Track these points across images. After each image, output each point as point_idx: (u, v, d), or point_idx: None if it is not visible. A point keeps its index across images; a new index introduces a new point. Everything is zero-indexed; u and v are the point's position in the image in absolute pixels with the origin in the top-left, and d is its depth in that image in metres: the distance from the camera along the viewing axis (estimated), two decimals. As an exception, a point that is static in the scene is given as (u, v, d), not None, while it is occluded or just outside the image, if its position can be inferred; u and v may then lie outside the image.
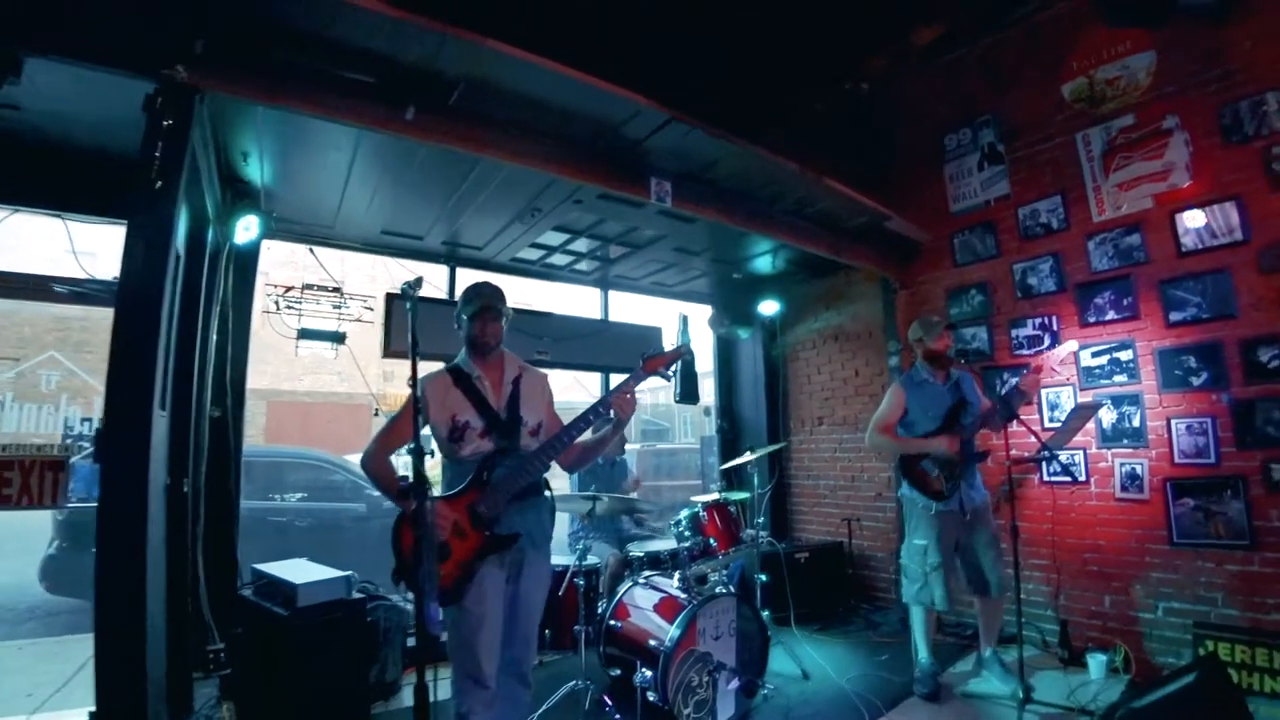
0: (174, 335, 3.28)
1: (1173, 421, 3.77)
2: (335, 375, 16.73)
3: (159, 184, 2.25)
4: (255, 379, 15.16)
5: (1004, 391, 3.47)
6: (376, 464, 2.39)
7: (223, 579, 3.80)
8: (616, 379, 2.66)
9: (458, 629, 2.29)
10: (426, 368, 2.49)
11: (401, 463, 2.44)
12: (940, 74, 5.07)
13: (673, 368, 2.62)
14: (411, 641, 3.85)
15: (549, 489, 2.62)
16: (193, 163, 2.87)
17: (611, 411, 2.46)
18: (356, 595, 3.31)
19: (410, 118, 2.80)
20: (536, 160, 3.18)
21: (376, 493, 2.60)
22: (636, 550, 4.07)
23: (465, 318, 2.48)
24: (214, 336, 3.95)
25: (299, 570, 3.35)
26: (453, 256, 4.90)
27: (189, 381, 3.50)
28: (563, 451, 2.45)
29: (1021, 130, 4.60)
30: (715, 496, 4.10)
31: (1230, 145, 3.70)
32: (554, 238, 4.64)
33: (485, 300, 2.48)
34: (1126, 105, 4.11)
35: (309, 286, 4.39)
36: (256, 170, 3.58)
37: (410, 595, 2.65)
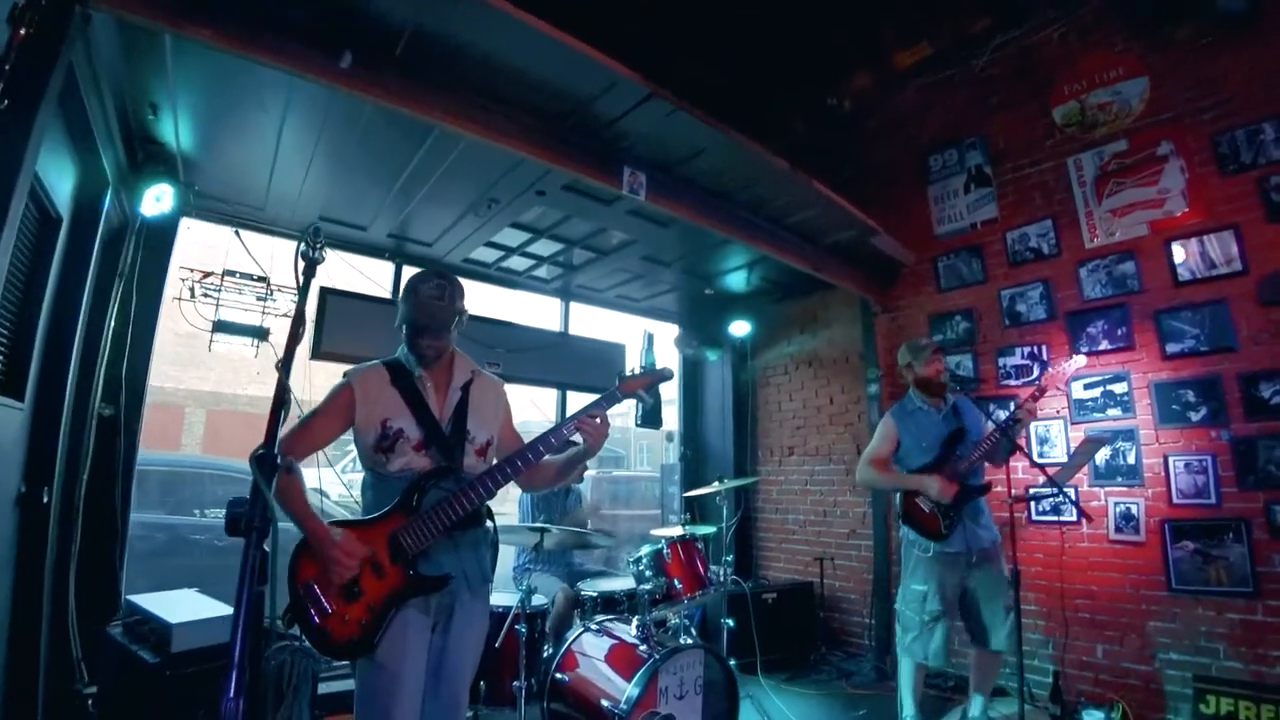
0: (44, 313, 2.74)
1: (1170, 459, 3.53)
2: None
3: (5, 104, 1.76)
4: (197, 383, 14.11)
5: (999, 423, 3.14)
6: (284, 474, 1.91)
7: (102, 608, 3.17)
8: (575, 398, 2.24)
9: (366, 687, 1.84)
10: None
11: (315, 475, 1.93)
12: (925, 94, 4.91)
13: (650, 390, 2.22)
14: (325, 688, 3.27)
15: (492, 519, 2.16)
16: (75, 101, 2.38)
17: (578, 437, 2.06)
18: (250, 637, 2.73)
19: (346, 66, 2.37)
20: (493, 132, 2.76)
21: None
22: (589, 589, 3.58)
23: (406, 330, 2.01)
24: (111, 322, 3.39)
25: (181, 605, 2.78)
26: (399, 252, 4.42)
27: (63, 370, 2.91)
28: (513, 479, 2.02)
29: (1010, 153, 4.42)
30: (680, 531, 3.67)
31: (1227, 174, 3.56)
32: (513, 237, 4.22)
33: (427, 316, 1.97)
34: (1119, 130, 3.97)
35: (230, 273, 3.85)
36: (170, 129, 3.09)
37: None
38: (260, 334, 3.88)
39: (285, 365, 1.31)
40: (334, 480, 4.29)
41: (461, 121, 2.71)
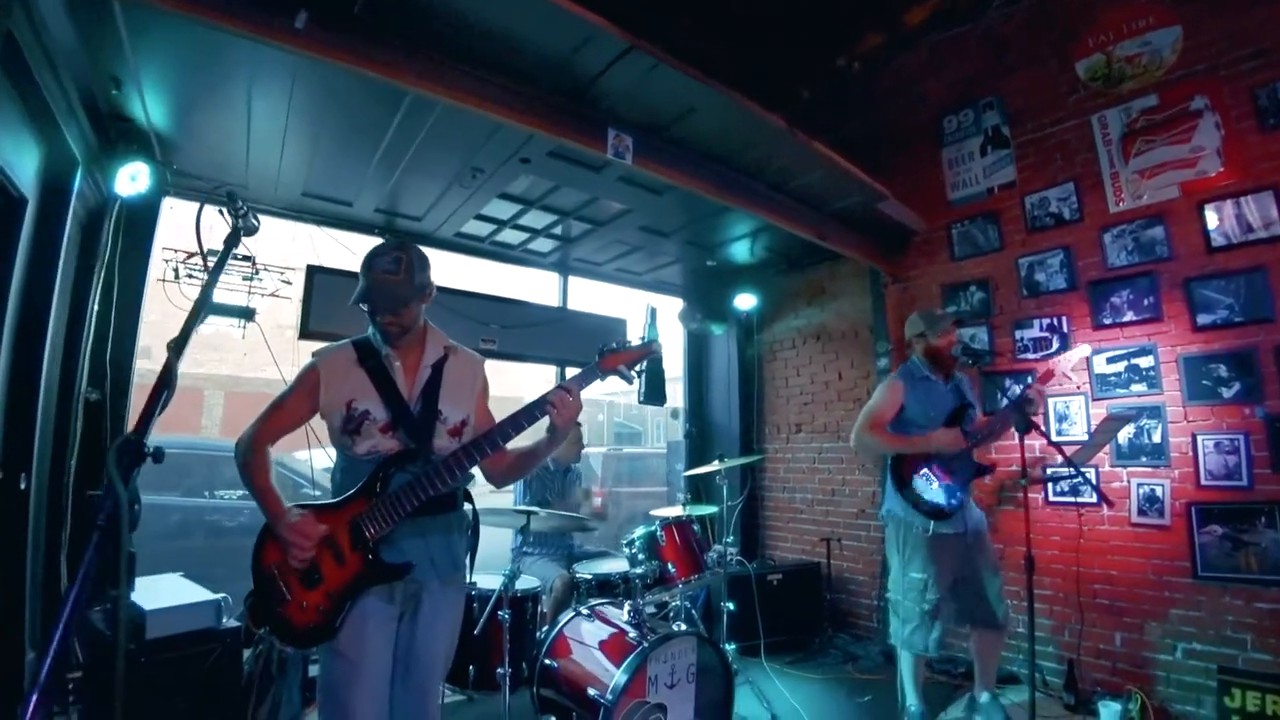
0: (12, 296, 2.66)
1: (1199, 438, 3.31)
2: (298, 367, 15.81)
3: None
4: (216, 367, 14.34)
5: (1015, 399, 2.96)
6: (253, 452, 1.87)
7: (97, 593, 3.14)
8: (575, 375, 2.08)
9: (326, 676, 1.80)
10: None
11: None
12: (938, 52, 4.60)
13: (637, 367, 2.03)
14: (315, 671, 3.24)
15: (469, 502, 2.06)
16: (25, 77, 2.28)
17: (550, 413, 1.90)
18: (230, 624, 2.69)
19: (301, 26, 2.22)
20: (464, 94, 2.60)
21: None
22: (584, 572, 3.48)
23: (364, 308, 1.90)
24: (94, 305, 3.33)
25: (160, 590, 2.75)
26: (389, 228, 4.29)
27: (37, 354, 2.85)
28: (484, 459, 1.89)
29: (1030, 112, 4.13)
30: (677, 513, 3.55)
31: (1268, 130, 3.28)
32: (503, 209, 4.07)
33: (381, 297, 1.85)
34: (1148, 85, 3.67)
35: (214, 253, 3.75)
36: (138, 105, 2.97)
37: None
38: (246, 314, 3.80)
39: (178, 346, 1.22)
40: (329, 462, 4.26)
41: (428, 84, 2.54)
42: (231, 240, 1.41)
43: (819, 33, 4.87)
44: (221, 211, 1.37)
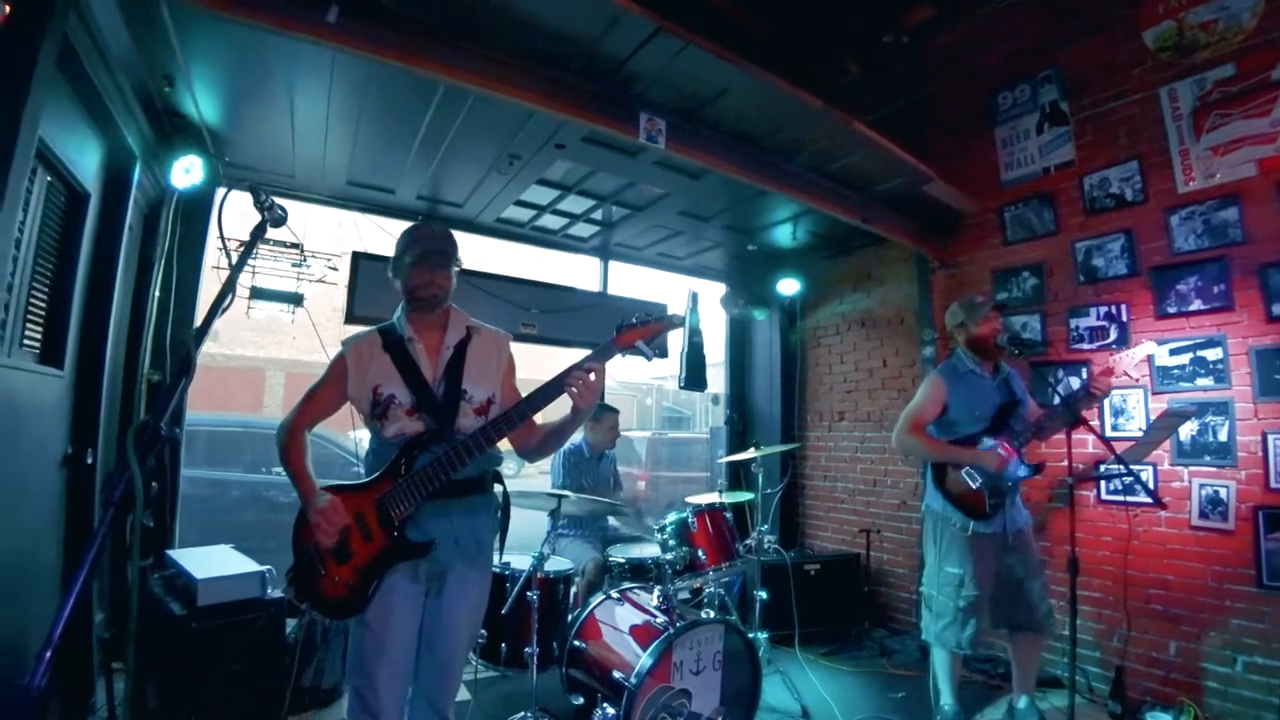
0: (79, 285, 2.84)
1: (1270, 437, 3.08)
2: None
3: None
4: (276, 350, 15.02)
5: (1068, 393, 2.82)
6: (290, 437, 2.00)
7: (157, 560, 3.36)
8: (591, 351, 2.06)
9: (357, 648, 1.90)
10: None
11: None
12: (993, 22, 4.37)
13: (655, 343, 1.91)
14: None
15: (499, 483, 2.10)
16: (84, 79, 2.41)
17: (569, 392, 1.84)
18: (274, 594, 2.83)
19: (333, 20, 2.27)
20: (495, 81, 2.61)
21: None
22: (618, 555, 3.52)
23: (407, 261, 2.00)
24: (155, 292, 3.52)
25: (212, 561, 2.91)
26: (432, 214, 4.38)
27: (102, 339, 3.04)
28: (502, 436, 1.90)
29: (1091, 85, 3.87)
30: (711, 499, 3.54)
31: (1361, 100, 2.99)
32: (541, 194, 4.09)
33: (429, 243, 2.02)
34: (1225, 53, 3.38)
35: (265, 241, 3.91)
36: (189, 101, 3.10)
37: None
38: (296, 300, 3.96)
39: (199, 335, 1.28)
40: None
41: (461, 74, 2.57)
42: (258, 231, 1.47)
43: (867, 3, 4.70)
44: (259, 205, 1.44)
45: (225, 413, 9.11)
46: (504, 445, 1.97)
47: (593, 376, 1.84)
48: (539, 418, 2.05)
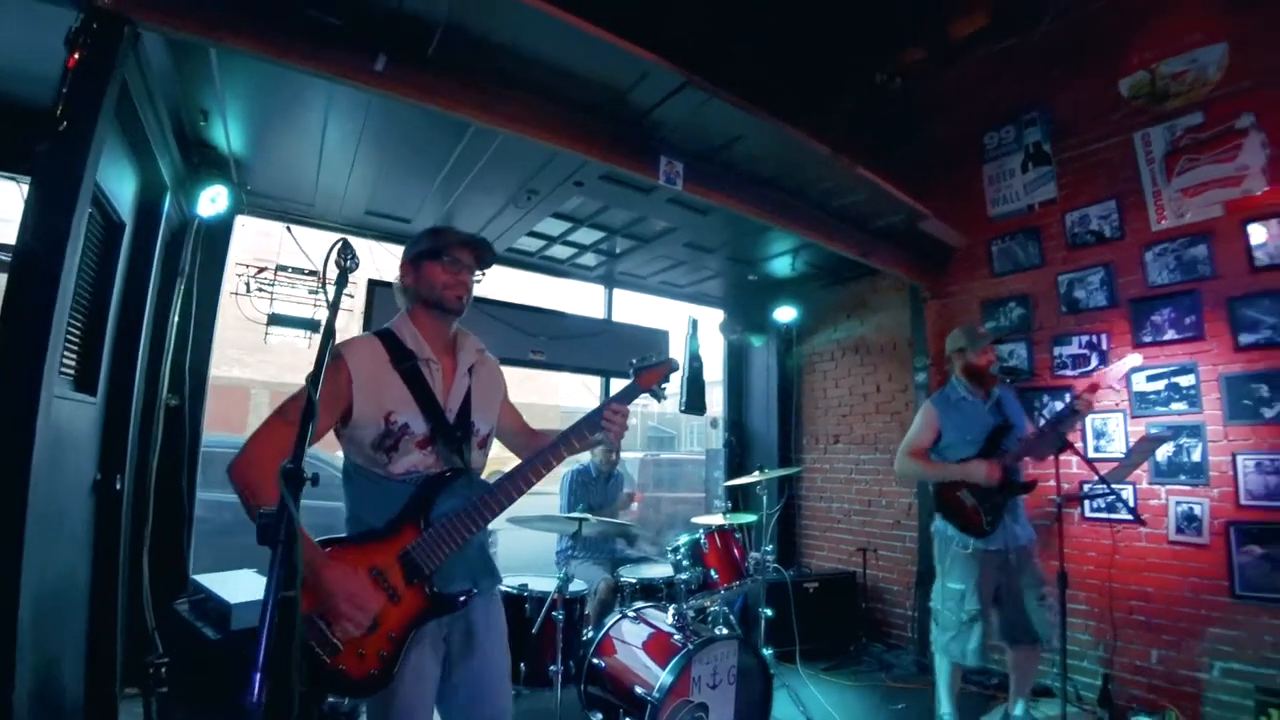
0: (112, 314, 2.91)
1: (1239, 457, 3.32)
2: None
3: (64, 125, 1.86)
4: (261, 368, 14.82)
5: (1052, 416, 3.02)
6: (256, 471, 1.46)
7: (171, 585, 3.40)
8: (619, 384, 2.18)
9: (382, 708, 1.61)
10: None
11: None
12: (982, 68, 4.63)
13: (664, 384, 1.96)
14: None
15: None
16: (130, 113, 2.50)
17: (600, 434, 1.81)
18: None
19: (381, 68, 2.41)
20: (527, 125, 2.77)
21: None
22: (629, 576, 3.64)
23: (442, 254, 1.76)
24: (175, 318, 3.59)
25: (240, 585, 2.95)
26: (444, 243, 4.49)
27: (131, 366, 3.10)
28: (538, 480, 1.74)
29: (1072, 128, 4.16)
30: (720, 520, 3.67)
31: (1315, 149, 3.28)
32: (554, 226, 4.25)
33: (463, 237, 1.79)
34: (1194, 102, 3.68)
35: (283, 268, 4.01)
36: (221, 134, 3.21)
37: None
38: (313, 326, 4.04)
39: (314, 378, 1.23)
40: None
41: (495, 117, 2.73)
42: (341, 281, 1.50)
43: (863, 47, 4.94)
44: (339, 262, 1.46)
45: (211, 433, 8.98)
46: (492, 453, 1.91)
47: (621, 415, 1.83)
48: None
